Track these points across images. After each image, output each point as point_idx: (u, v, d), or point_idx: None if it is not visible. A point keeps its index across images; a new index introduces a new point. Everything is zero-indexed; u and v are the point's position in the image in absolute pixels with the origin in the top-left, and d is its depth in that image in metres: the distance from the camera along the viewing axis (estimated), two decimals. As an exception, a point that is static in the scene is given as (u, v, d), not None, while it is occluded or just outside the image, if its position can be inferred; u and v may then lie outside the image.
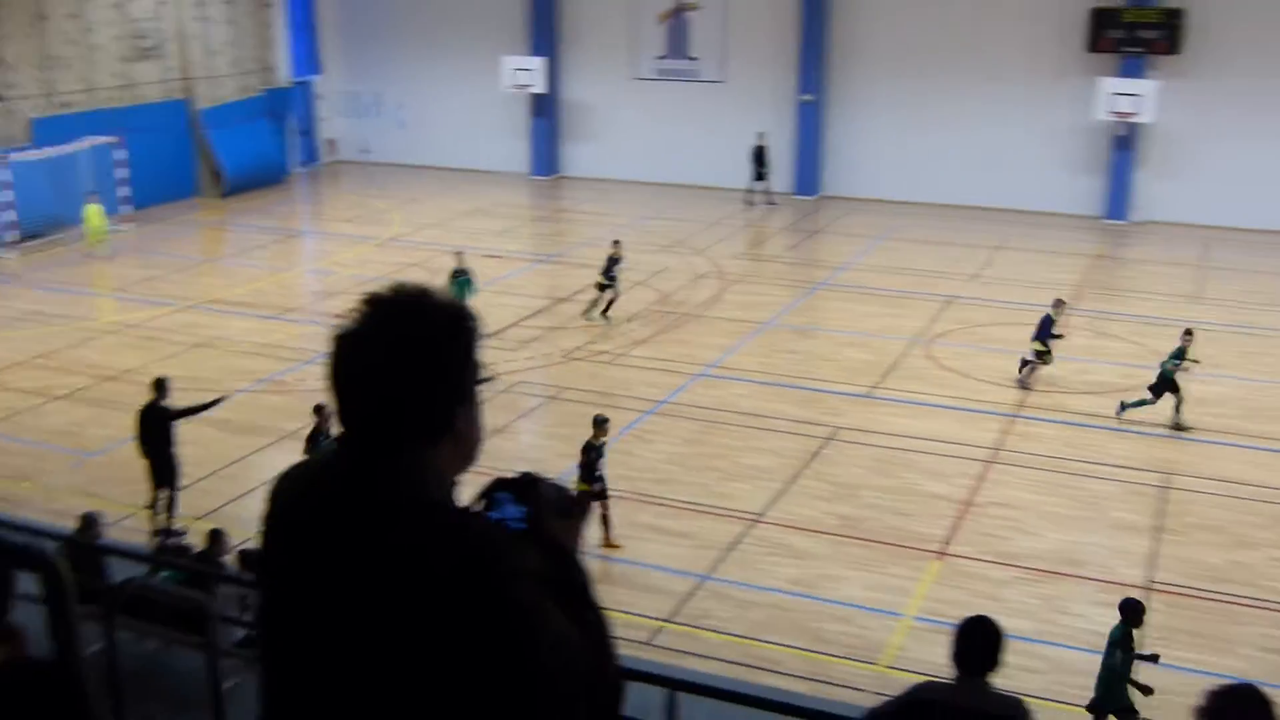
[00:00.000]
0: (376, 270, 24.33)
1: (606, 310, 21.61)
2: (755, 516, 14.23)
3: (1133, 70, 29.81)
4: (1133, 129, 30.14)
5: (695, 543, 13.60)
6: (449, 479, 2.33)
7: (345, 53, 37.87)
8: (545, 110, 35.64)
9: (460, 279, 20.27)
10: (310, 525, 2.29)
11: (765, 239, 30.06)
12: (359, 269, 24.97)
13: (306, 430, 13.45)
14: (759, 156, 32.29)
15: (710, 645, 11.53)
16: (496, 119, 36.46)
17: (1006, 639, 5.62)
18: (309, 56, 36.83)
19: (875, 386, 18.67)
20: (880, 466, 15.77)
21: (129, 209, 28.98)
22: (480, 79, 35.66)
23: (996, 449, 16.35)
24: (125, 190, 29.08)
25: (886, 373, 19.27)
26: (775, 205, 32.21)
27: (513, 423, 17.09)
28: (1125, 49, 29.88)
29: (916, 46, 31.86)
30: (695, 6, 34.13)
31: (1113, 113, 29.60)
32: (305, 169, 36.93)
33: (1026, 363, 18.55)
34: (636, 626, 11.73)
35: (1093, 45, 30.16)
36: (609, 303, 21.63)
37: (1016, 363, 18.87)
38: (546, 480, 2.46)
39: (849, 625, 11.97)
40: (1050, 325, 18.41)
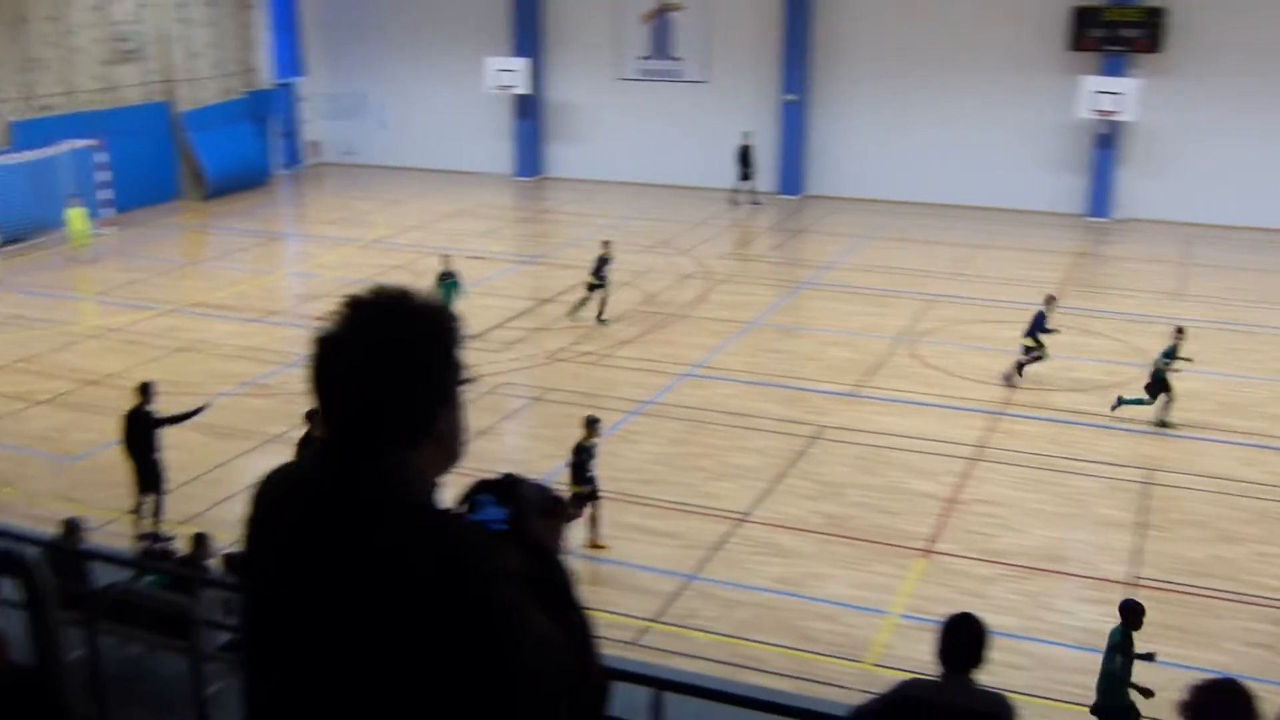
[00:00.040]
0: (360, 273, 24.26)
1: (601, 313, 21.40)
2: (741, 516, 14.24)
3: (1114, 69, 29.95)
4: (1115, 127, 30.28)
5: (681, 542, 13.60)
6: (432, 480, 2.32)
7: (328, 54, 37.76)
8: (529, 111, 35.62)
9: (447, 281, 20.23)
10: (292, 527, 2.29)
11: (750, 239, 30.09)
12: (342, 271, 24.90)
13: (292, 434, 13.41)
14: (744, 156, 32.32)
15: (697, 645, 11.53)
16: (480, 120, 36.42)
17: (991, 636, 5.63)
18: (291, 58, 36.70)
19: (860, 385, 18.71)
20: (865, 465, 15.80)
21: (111, 212, 28.84)
22: (464, 80, 35.62)
23: (981, 446, 16.40)
24: (107, 193, 28.95)
25: (871, 371, 19.30)
26: (760, 205, 32.24)
27: (497, 424, 17.07)
28: (1107, 47, 30.02)
29: (899, 46, 31.95)
30: (679, 6, 34.15)
31: (1095, 111, 29.74)
32: (288, 171, 36.83)
33: (1021, 365, 18.52)
34: (623, 626, 11.72)
35: (1075, 44, 30.29)
36: (602, 304, 21.46)
37: (1002, 361, 18.92)
38: (528, 481, 2.46)
39: (835, 624, 11.99)
40: (1043, 321, 18.46)
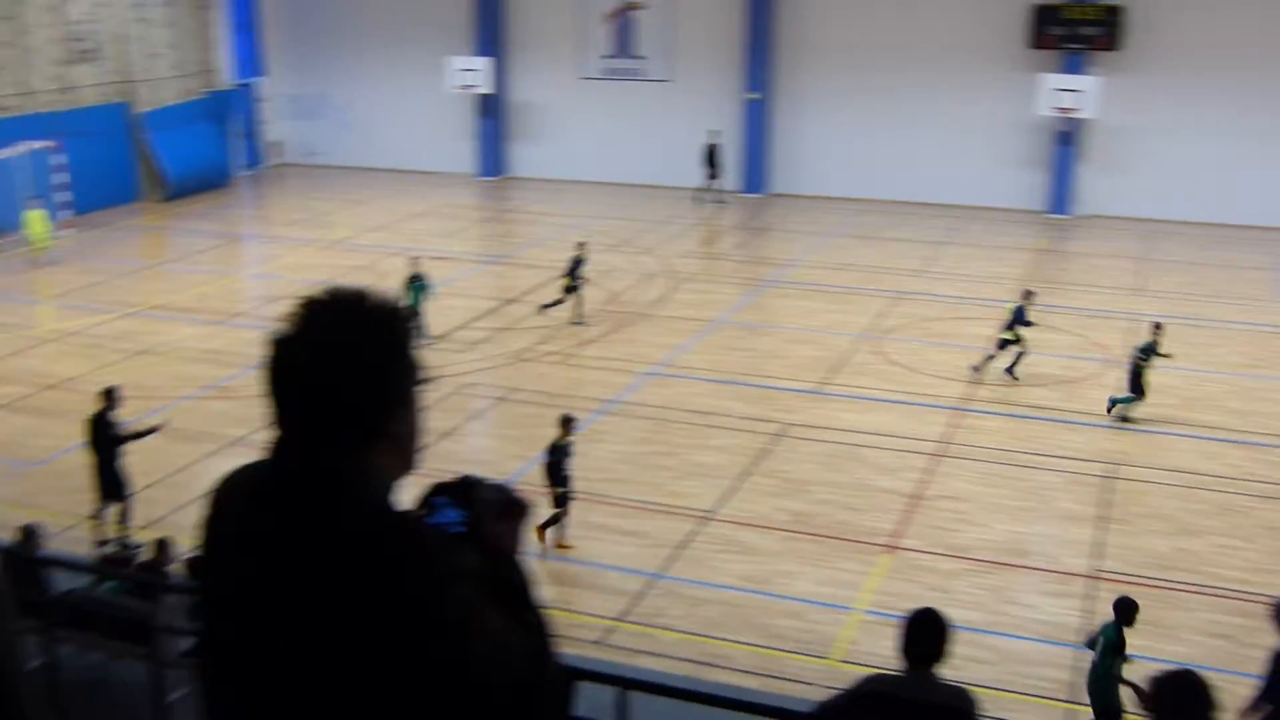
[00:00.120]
0: (322, 274, 24.11)
1: (577, 315, 21.26)
2: (707, 514, 14.25)
3: (1074, 66, 30.21)
4: (1075, 124, 30.54)
5: (647, 541, 13.59)
6: (387, 482, 2.31)
7: (289, 54, 37.50)
8: (492, 111, 35.52)
9: (416, 284, 20.11)
10: (247, 529, 2.28)
11: (714, 237, 30.14)
12: (304, 273, 24.73)
13: (253, 437, 13.30)
14: (711, 156, 32.35)
15: (663, 643, 11.53)
16: (443, 120, 36.29)
17: (953, 630, 5.66)
18: (251, 58, 36.44)
19: (825, 383, 18.77)
20: (831, 462, 15.85)
21: (69, 214, 28.51)
22: (426, 80, 35.48)
23: (945, 442, 16.49)
24: (65, 195, 28.62)
25: (836, 369, 19.37)
26: (725, 204, 32.30)
27: (462, 425, 17.01)
28: (1066, 45, 30.28)
29: (862, 44, 32.09)
30: (641, 5, 34.15)
31: (1055, 108, 29.98)
32: (249, 172, 36.56)
33: (1011, 368, 18.63)
34: (588, 626, 11.71)
35: (1035, 42, 30.53)
36: (578, 305, 21.31)
37: (965, 357, 19.05)
38: (485, 483, 2.45)
39: (801, 620, 12.02)
40: (1023, 314, 18.55)
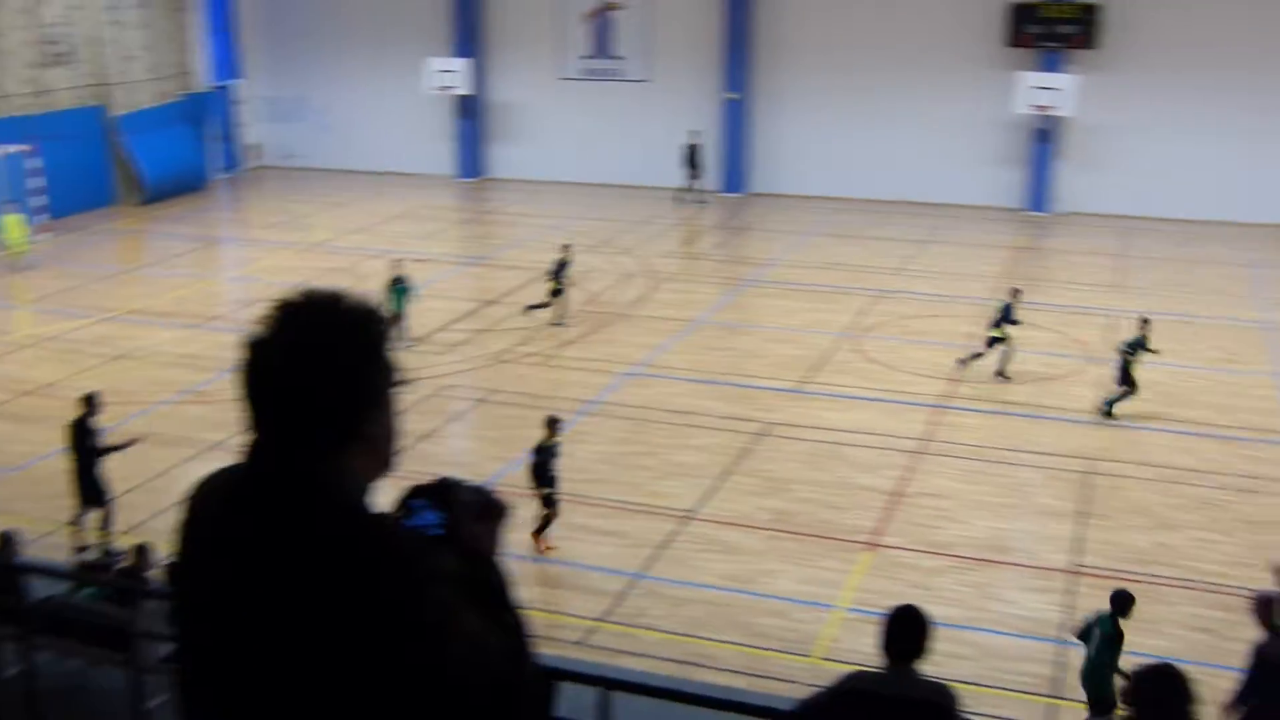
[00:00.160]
0: (301, 276, 24.00)
1: (560, 317, 21.25)
2: (688, 514, 14.24)
3: (1051, 64, 30.34)
4: (1052, 122, 30.67)
5: (628, 541, 13.58)
6: (363, 484, 2.31)
7: (266, 56, 37.34)
8: (470, 112, 35.45)
9: (398, 287, 20.04)
10: (223, 532, 2.27)
11: (693, 237, 30.15)
12: (283, 275, 24.63)
13: (231, 441, 13.23)
14: (692, 156, 32.36)
15: (646, 644, 11.51)
16: (421, 122, 36.19)
17: (933, 626, 5.67)
18: (228, 61, 36.26)
19: (805, 381, 18.79)
20: (812, 460, 15.87)
21: (45, 218, 28.29)
22: (404, 81, 35.38)
23: (925, 440, 16.53)
24: (40, 200, 28.41)
25: (816, 368, 19.40)
26: (705, 203, 32.31)
27: (442, 427, 16.97)
28: (1044, 44, 30.40)
29: (840, 43, 32.16)
30: (620, 6, 34.14)
31: (1033, 106, 30.10)
32: (227, 175, 36.38)
33: (1000, 372, 18.65)
34: (571, 627, 11.70)
35: (1012, 40, 30.64)
36: (562, 308, 21.31)
37: (945, 354, 19.12)
38: (463, 485, 2.45)
39: (783, 619, 12.03)
40: (1010, 312, 18.63)
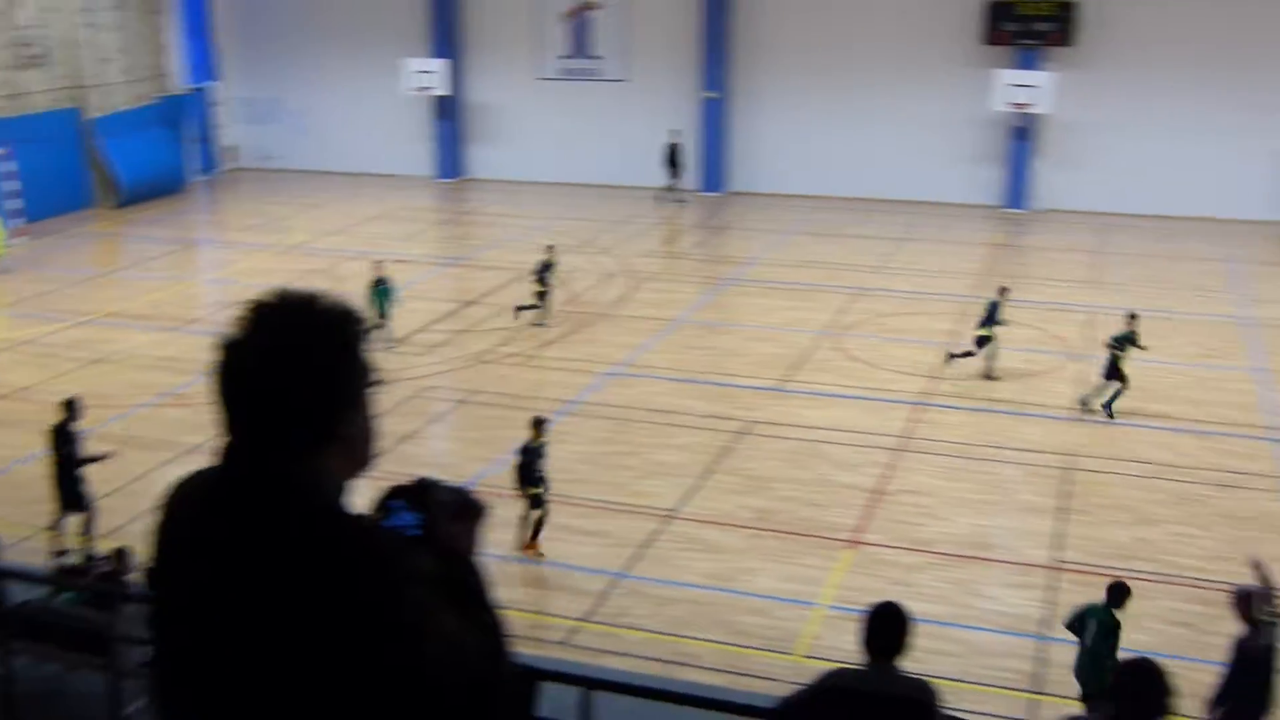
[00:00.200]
0: (279, 279, 23.88)
1: (543, 319, 21.23)
2: (669, 513, 14.24)
3: (1028, 62, 30.46)
4: (1029, 120, 30.78)
5: (610, 541, 13.57)
6: (339, 485, 2.29)
7: (242, 58, 37.17)
8: (449, 112, 35.36)
9: (380, 289, 19.98)
10: (199, 534, 2.26)
11: (673, 236, 30.16)
12: (260, 278, 24.50)
13: (210, 444, 13.16)
14: (672, 156, 32.35)
15: (629, 643, 11.51)
16: (399, 123, 36.08)
17: (915, 623, 5.68)
18: (204, 62, 36.08)
19: (786, 380, 18.81)
20: (793, 459, 15.89)
21: (20, 222, 28.11)
22: (382, 82, 35.26)
23: (906, 437, 16.58)
24: (16, 203, 28.23)
25: (797, 366, 19.43)
26: (685, 203, 32.32)
27: (423, 428, 16.93)
28: (1020, 41, 30.52)
29: (818, 42, 32.21)
30: (598, 5, 34.11)
31: (1010, 104, 30.21)
32: (204, 177, 36.20)
33: (989, 373, 18.70)
34: (553, 627, 11.68)
35: (989, 38, 30.76)
36: (546, 309, 21.30)
37: (926, 351, 19.18)
38: (441, 485, 2.44)
39: (765, 617, 12.04)
40: (996, 311, 18.69)
